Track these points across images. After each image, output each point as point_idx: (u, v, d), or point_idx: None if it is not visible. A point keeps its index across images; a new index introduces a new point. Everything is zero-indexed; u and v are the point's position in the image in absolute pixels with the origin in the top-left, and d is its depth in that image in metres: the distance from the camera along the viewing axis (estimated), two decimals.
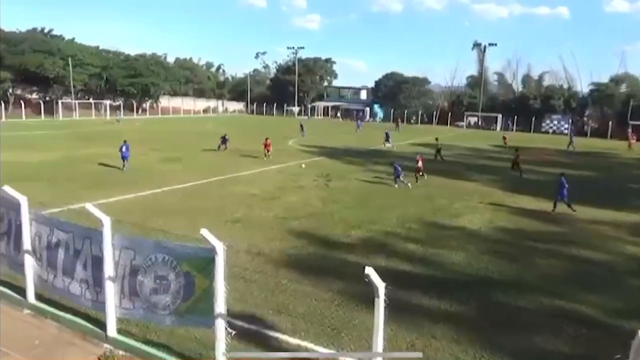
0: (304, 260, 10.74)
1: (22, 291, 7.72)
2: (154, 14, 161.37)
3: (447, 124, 73.98)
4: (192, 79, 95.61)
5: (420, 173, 21.42)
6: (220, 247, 5.65)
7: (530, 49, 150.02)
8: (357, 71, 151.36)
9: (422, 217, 15.12)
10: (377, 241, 12.40)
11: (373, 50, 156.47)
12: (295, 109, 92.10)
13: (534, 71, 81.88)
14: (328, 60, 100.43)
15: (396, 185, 20.22)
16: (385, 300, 5.21)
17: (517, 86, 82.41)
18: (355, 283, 8.27)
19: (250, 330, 7.21)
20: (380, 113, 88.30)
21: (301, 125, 45.83)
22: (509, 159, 27.43)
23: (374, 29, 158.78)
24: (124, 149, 21.96)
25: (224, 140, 31.14)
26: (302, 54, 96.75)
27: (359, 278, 5.56)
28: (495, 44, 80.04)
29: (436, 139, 32.65)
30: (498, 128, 72.03)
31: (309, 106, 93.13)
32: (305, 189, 19.18)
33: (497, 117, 74.02)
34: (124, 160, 22.00)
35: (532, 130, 67.63)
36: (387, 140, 37.16)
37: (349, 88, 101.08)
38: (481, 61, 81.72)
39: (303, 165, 25.11)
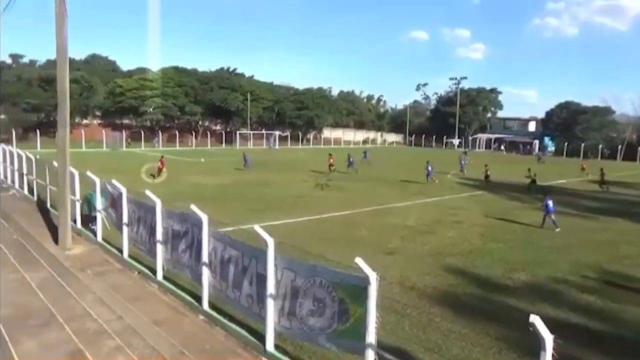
0: (460, 299, 10.23)
1: (198, 298, 8.73)
2: (323, 50, 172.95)
3: (636, 160, 64.54)
4: (353, 110, 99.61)
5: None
6: (373, 277, 5.69)
7: None
8: (525, 101, 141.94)
9: (601, 264, 13.28)
10: (544, 287, 11.25)
11: (544, 79, 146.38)
12: (456, 141, 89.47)
13: None
14: (493, 90, 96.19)
15: (557, 229, 17.65)
16: (553, 355, 4.67)
17: None
18: (516, 331, 7.60)
19: None
20: (551, 146, 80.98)
21: (461, 161, 41.22)
22: None
23: (546, 55, 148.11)
24: None
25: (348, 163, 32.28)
26: (465, 84, 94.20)
27: (521, 326, 5.10)
28: None
29: (528, 169, 29.38)
30: None
31: (470, 138, 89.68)
32: (464, 224, 18.37)
33: None
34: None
35: None
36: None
37: (515, 119, 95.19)
38: None
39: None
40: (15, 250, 11.96)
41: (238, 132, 74.22)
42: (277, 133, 79.62)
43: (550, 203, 18.08)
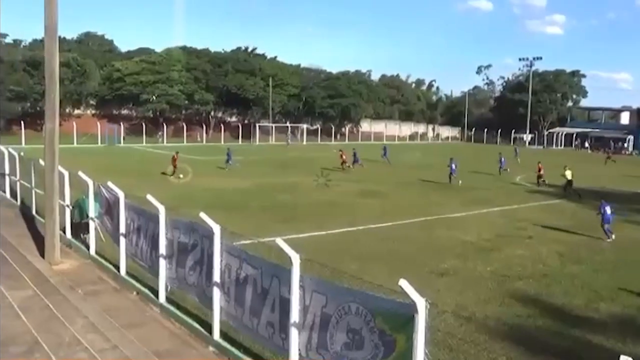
0: (530, 334, 10.04)
1: (208, 326, 8.84)
2: (361, 24, 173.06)
3: None
4: (398, 99, 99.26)
5: None
6: (421, 304, 5.64)
7: None
8: (616, 87, 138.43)
9: None
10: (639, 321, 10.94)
11: None
12: (527, 136, 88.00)
13: None
14: (575, 74, 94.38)
15: (608, 239, 18.13)
16: None
17: None
18: None
19: None
20: None
21: (501, 159, 40.32)
22: None
23: None
24: None
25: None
26: (539, 66, 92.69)
27: None
28: None
29: (564, 167, 29.72)
30: None
31: (545, 133, 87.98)
32: (536, 240, 18.03)
33: None
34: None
35: None
36: None
37: (603, 109, 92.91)
38: None
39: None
40: None
41: (258, 125, 74.92)
42: (304, 126, 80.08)
43: (609, 210, 18.51)
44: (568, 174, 29.34)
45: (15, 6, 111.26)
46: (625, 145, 79.73)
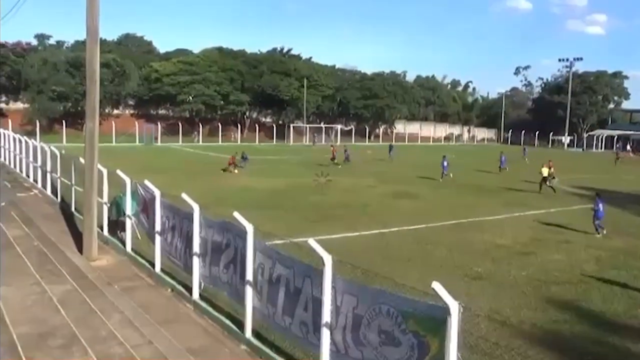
0: (567, 340, 9.83)
1: (240, 324, 8.92)
2: (396, 25, 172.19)
3: None
4: (433, 100, 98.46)
5: None
6: (454, 307, 5.57)
7: None
8: None
9: None
10: None
11: None
12: (566, 138, 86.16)
13: None
14: (617, 75, 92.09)
15: (598, 234, 18.86)
16: None
17: None
18: None
19: None
20: None
21: (502, 157, 41.67)
22: None
23: None
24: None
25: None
26: (580, 67, 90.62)
27: None
28: None
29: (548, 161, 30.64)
30: None
31: (585, 135, 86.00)
32: (574, 244, 17.64)
33: None
34: None
35: None
36: None
37: None
38: None
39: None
40: (36, 260, 12.76)
41: (292, 126, 75.34)
42: (338, 127, 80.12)
43: (601, 207, 19.29)
44: (544, 171, 30.44)
45: (59, 7, 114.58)
46: None
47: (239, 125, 74.46)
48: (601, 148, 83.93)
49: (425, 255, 15.40)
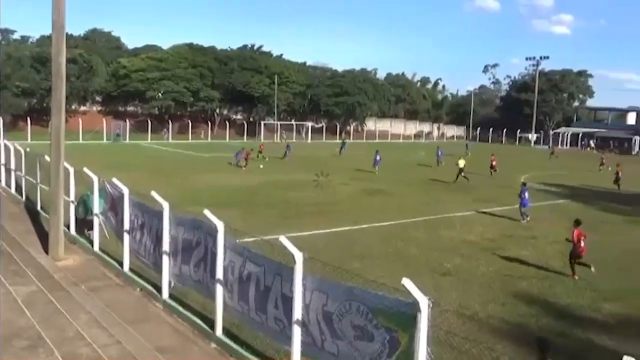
0: (533, 333, 9.98)
1: (210, 322, 8.87)
2: (367, 23, 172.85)
3: None
4: (403, 97, 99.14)
5: None
6: (424, 303, 5.63)
7: None
8: (623, 87, 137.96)
9: None
10: None
11: None
12: (532, 135, 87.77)
13: None
14: (582, 73, 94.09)
15: (523, 221, 20.54)
16: None
17: None
18: None
19: None
20: None
21: (438, 151, 45.75)
22: None
23: None
24: None
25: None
26: (546, 66, 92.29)
27: None
28: None
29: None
30: None
31: (551, 132, 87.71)
32: (541, 240, 17.98)
33: None
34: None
35: None
36: None
37: (609, 109, 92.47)
38: None
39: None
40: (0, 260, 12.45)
41: (263, 123, 74.88)
42: (309, 124, 79.99)
43: (527, 195, 21.04)
44: (461, 163, 32.68)
45: (24, 2, 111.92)
46: (631, 144, 79.30)
47: (209, 123, 73.70)
48: (567, 145, 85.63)
49: (395, 251, 15.49)
